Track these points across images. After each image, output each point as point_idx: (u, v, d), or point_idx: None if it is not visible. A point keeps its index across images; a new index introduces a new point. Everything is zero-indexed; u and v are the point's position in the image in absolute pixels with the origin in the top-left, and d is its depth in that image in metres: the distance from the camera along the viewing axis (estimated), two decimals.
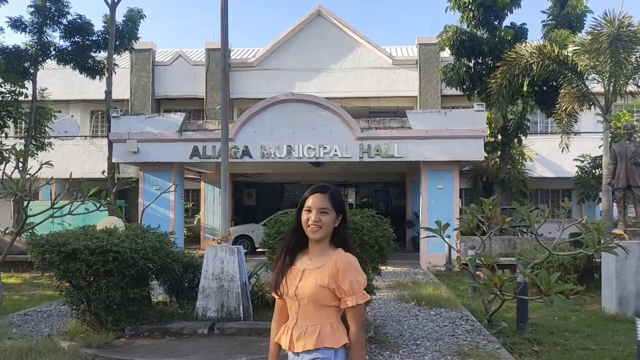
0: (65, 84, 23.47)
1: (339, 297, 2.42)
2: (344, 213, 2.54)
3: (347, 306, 2.40)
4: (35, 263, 6.59)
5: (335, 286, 2.42)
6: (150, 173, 16.53)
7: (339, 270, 2.43)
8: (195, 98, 23.99)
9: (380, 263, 6.69)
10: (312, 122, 15.44)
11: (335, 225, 2.51)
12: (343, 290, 2.41)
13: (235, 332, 6.76)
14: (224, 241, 7.45)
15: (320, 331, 2.42)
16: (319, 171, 21.22)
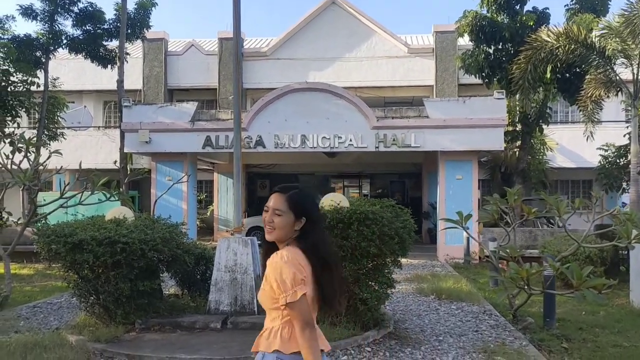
0: (78, 74, 23.30)
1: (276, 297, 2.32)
2: (309, 217, 2.42)
3: (281, 305, 2.32)
4: (42, 254, 6.37)
5: (269, 287, 2.35)
6: (163, 163, 16.31)
7: (268, 270, 2.37)
8: (208, 88, 23.73)
9: (400, 255, 6.36)
10: (327, 112, 15.09)
11: (296, 228, 2.40)
12: (274, 289, 2.33)
13: (249, 327, 6.48)
14: (237, 232, 7.17)
15: (273, 334, 2.40)
16: (333, 162, 20.90)
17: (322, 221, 2.50)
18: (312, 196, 2.58)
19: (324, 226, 2.56)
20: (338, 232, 5.89)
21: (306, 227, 2.41)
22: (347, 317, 6.26)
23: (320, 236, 2.45)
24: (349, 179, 25.76)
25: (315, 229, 2.43)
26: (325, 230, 2.51)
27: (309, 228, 2.41)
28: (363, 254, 5.98)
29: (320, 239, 2.44)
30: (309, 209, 2.45)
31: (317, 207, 2.53)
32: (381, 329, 6.43)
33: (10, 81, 16.17)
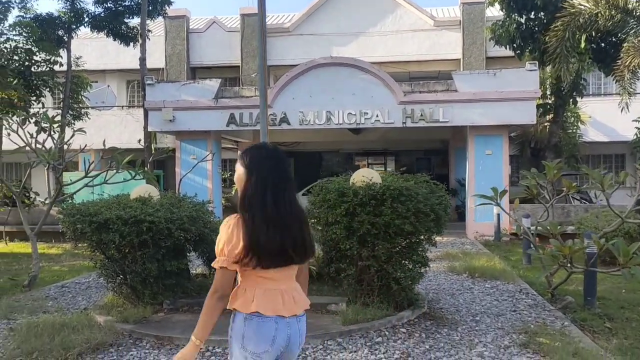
0: (101, 53, 23.22)
1: None
2: (248, 169, 2.37)
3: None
4: (67, 234, 6.25)
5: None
6: (187, 142, 16.18)
7: None
8: (230, 66, 23.46)
9: (436, 233, 6.10)
10: (353, 87, 14.75)
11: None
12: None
13: None
14: None
15: (234, 294, 2.40)
16: (358, 139, 20.60)
17: (260, 177, 2.33)
18: (261, 147, 2.48)
19: (268, 181, 2.34)
20: (371, 209, 5.64)
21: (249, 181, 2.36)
22: (379, 297, 6.05)
23: (255, 192, 2.32)
24: (373, 157, 25.39)
25: (249, 183, 2.34)
26: (265, 186, 2.33)
27: (247, 182, 2.36)
28: (397, 232, 5.73)
29: (245, 195, 2.34)
30: (247, 159, 2.40)
31: (257, 158, 2.39)
32: (415, 309, 6.20)
33: (34, 61, 16.13)
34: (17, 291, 8.01)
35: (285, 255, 2.36)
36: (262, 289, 2.36)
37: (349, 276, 6.07)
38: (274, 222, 2.31)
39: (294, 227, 2.37)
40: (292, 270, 2.46)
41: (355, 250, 5.82)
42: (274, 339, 2.34)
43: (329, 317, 5.99)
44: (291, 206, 2.38)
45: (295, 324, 2.43)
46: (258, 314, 2.32)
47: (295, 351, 2.49)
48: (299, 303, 2.46)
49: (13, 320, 6.22)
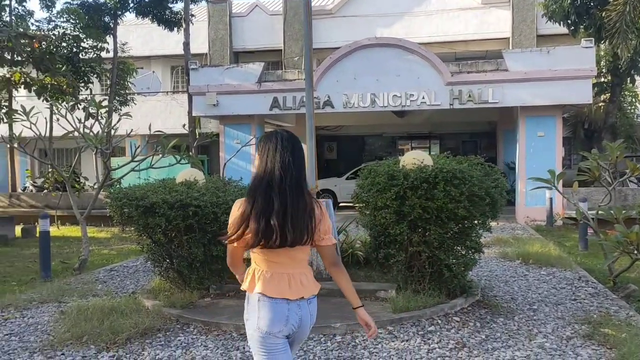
0: (146, 40, 23.44)
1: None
2: (260, 156, 2.50)
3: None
4: (114, 218, 6.25)
5: None
6: (231, 126, 16.16)
7: None
8: (273, 50, 23.32)
9: (491, 218, 5.81)
10: (398, 68, 14.38)
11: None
12: None
13: (327, 293, 6.12)
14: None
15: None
16: (402, 122, 20.20)
17: (262, 157, 2.47)
18: (273, 135, 2.52)
19: (275, 164, 2.43)
20: (422, 192, 5.39)
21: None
22: (431, 284, 5.82)
23: (261, 177, 2.45)
24: (417, 140, 24.93)
25: (258, 166, 2.47)
26: (272, 168, 2.43)
27: (257, 166, 2.49)
28: (450, 217, 5.47)
29: (260, 179, 2.45)
30: (259, 145, 2.52)
31: (268, 145, 2.48)
32: (469, 297, 5.95)
33: (81, 47, 16.37)
34: (68, 274, 8.12)
35: (283, 237, 2.40)
36: (269, 273, 2.48)
37: (398, 262, 5.86)
38: (275, 204, 2.39)
39: (295, 210, 2.42)
40: (300, 257, 2.54)
41: (405, 235, 5.59)
42: (287, 319, 2.46)
43: (379, 304, 5.81)
44: (294, 190, 2.43)
45: (306, 306, 2.53)
46: (263, 295, 2.45)
47: (306, 332, 2.60)
48: (307, 287, 2.55)
49: (64, 303, 6.28)
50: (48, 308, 6.10)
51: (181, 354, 4.60)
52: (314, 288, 2.61)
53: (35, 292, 6.85)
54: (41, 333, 5.21)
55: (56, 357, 4.56)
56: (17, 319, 5.69)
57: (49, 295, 6.59)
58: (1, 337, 5.11)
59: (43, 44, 14.37)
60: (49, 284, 7.35)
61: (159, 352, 4.61)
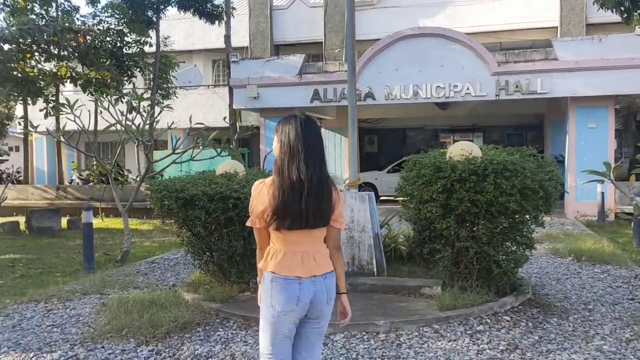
0: (188, 34, 23.62)
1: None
2: (280, 140, 2.56)
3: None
4: (155, 210, 6.20)
5: None
6: (271, 119, 16.08)
7: None
8: (313, 42, 23.15)
9: (544, 212, 5.50)
10: (442, 58, 14.00)
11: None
12: None
13: (369, 289, 5.97)
14: (352, 187, 6.62)
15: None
16: (445, 114, 19.78)
17: (286, 144, 2.52)
18: (291, 118, 2.58)
19: (292, 149, 2.50)
20: (471, 185, 5.13)
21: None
22: (478, 281, 5.57)
23: (282, 159, 2.51)
24: (459, 133, 24.38)
25: (278, 150, 2.53)
26: (291, 154, 2.50)
27: (277, 150, 2.55)
28: (500, 211, 5.20)
29: (281, 161, 2.51)
30: (278, 129, 2.57)
31: (287, 128, 2.54)
32: (519, 295, 5.67)
33: (125, 42, 16.56)
34: (110, 266, 8.17)
35: (304, 219, 2.49)
36: (283, 251, 2.55)
37: (444, 258, 5.62)
38: (294, 186, 2.46)
39: (313, 192, 2.48)
40: (317, 235, 2.59)
41: (452, 230, 5.35)
42: (298, 298, 2.52)
43: (424, 301, 5.59)
44: (313, 173, 2.49)
45: (321, 282, 2.58)
46: (275, 274, 2.54)
47: (323, 306, 2.61)
48: (321, 265, 2.59)
49: (105, 295, 6.28)
50: (90, 300, 6.11)
51: (220, 349, 4.50)
52: (329, 265, 2.65)
53: (78, 283, 6.90)
54: (82, 325, 5.20)
55: (96, 349, 4.52)
56: (60, 310, 5.71)
57: (91, 287, 6.62)
58: (44, 329, 5.12)
59: (88, 39, 14.58)
60: (91, 275, 7.40)
61: (198, 347, 4.52)
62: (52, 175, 23.46)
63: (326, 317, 2.68)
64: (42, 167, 24.35)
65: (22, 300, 6.05)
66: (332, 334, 4.77)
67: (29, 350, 4.56)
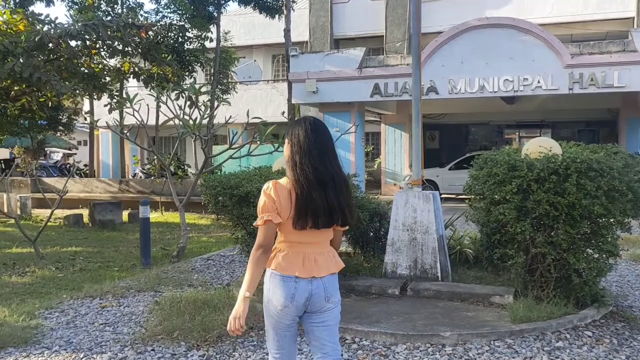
0: (248, 29, 23.69)
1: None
2: (290, 140, 2.60)
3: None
4: (209, 207, 6.02)
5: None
6: (330, 114, 15.81)
7: None
8: (374, 36, 22.67)
9: (632, 216, 4.94)
10: (511, 50, 13.33)
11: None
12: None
13: (433, 295, 5.57)
14: (415, 185, 6.22)
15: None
16: (511, 109, 18.89)
17: (296, 144, 2.56)
18: (300, 120, 2.65)
19: (303, 149, 2.54)
20: (550, 186, 4.64)
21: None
22: (555, 291, 5.07)
23: (295, 159, 2.54)
24: (525, 129, 23.40)
25: (293, 153, 2.55)
26: (302, 153, 2.53)
27: (289, 151, 2.59)
28: (583, 215, 4.68)
29: (294, 162, 2.54)
30: (290, 132, 2.62)
31: (296, 129, 2.59)
32: (601, 307, 5.12)
33: (186, 37, 16.65)
34: (167, 262, 8.09)
35: (316, 219, 2.51)
36: (286, 251, 2.59)
37: (517, 264, 5.13)
38: (314, 185, 2.49)
39: (337, 190, 2.54)
40: (322, 236, 2.61)
41: (527, 234, 4.87)
42: (293, 296, 2.55)
43: (494, 312, 5.13)
44: (332, 171, 2.54)
45: (320, 282, 2.59)
46: (275, 272, 2.57)
47: (323, 304, 2.62)
48: (321, 267, 2.60)
49: (159, 292, 6.15)
50: (144, 297, 5.99)
51: None
52: (331, 267, 2.65)
53: (134, 279, 6.82)
54: (134, 324, 5.06)
55: (146, 352, 4.34)
56: (114, 307, 5.61)
57: (146, 283, 6.51)
58: (96, 327, 5.00)
59: (150, 34, 14.70)
60: (147, 271, 7.33)
61: (251, 354, 4.27)
62: (116, 169, 24.08)
63: (330, 311, 2.66)
64: (108, 160, 25.02)
65: (78, 296, 6.00)
66: (394, 345, 4.42)
67: (79, 350, 4.44)
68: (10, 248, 9.48)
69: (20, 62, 11.24)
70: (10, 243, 9.87)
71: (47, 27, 12.47)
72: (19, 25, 14.22)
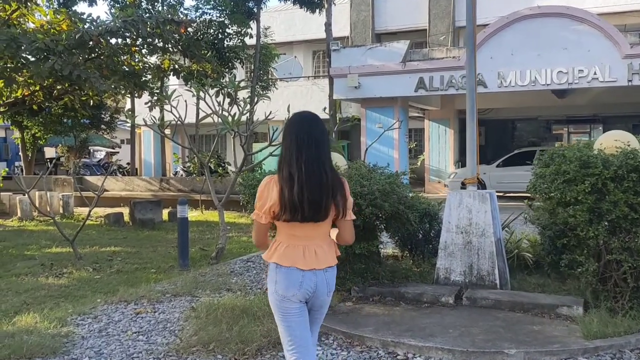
0: (288, 25, 23.39)
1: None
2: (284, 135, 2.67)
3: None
4: (247, 206, 5.66)
5: None
6: (373, 110, 15.34)
7: None
8: (416, 30, 22.05)
9: None
10: (564, 40, 12.59)
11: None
12: None
13: (492, 305, 5.07)
14: (470, 183, 5.72)
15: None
16: (562, 103, 17.99)
17: (287, 138, 2.63)
18: (293, 115, 2.73)
19: (294, 142, 2.59)
20: (630, 185, 4.11)
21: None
22: (632, 303, 4.52)
23: (284, 153, 2.63)
24: (574, 124, 22.36)
25: (283, 145, 2.66)
26: (292, 146, 2.60)
27: (282, 145, 2.68)
28: None
29: (283, 156, 2.63)
30: (285, 125, 2.70)
31: (288, 125, 2.66)
32: None
33: (226, 33, 16.44)
34: (205, 263, 7.82)
35: (305, 212, 2.56)
36: (286, 244, 2.65)
37: (588, 272, 4.61)
38: (297, 180, 2.54)
39: (317, 185, 2.56)
40: (320, 229, 2.68)
41: (601, 239, 4.34)
42: (300, 284, 2.62)
43: (562, 325, 4.60)
44: (315, 166, 2.57)
45: (322, 275, 2.67)
46: (279, 264, 2.63)
47: (323, 297, 2.71)
48: (321, 260, 2.66)
49: (196, 297, 5.84)
50: (180, 302, 5.68)
51: None
52: (330, 260, 2.71)
53: (171, 282, 6.53)
54: (169, 333, 4.74)
55: None
56: (149, 313, 5.31)
57: (183, 287, 6.21)
58: (129, 336, 4.70)
59: (189, 30, 14.53)
60: (185, 273, 7.05)
61: None
62: (158, 167, 24.16)
63: (326, 305, 2.79)
64: (150, 159, 25.13)
65: (113, 300, 5.73)
66: None
67: None
68: (50, 247, 9.39)
69: (60, 60, 11.17)
70: (51, 242, 9.79)
71: (88, 25, 12.40)
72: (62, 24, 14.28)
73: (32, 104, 15.54)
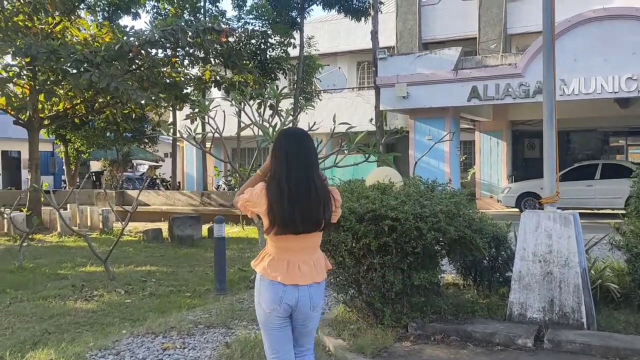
0: (332, 36, 22.89)
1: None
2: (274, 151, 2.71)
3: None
4: None
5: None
6: (422, 121, 14.55)
7: None
8: (465, 38, 21.14)
9: None
10: (634, 44, 11.59)
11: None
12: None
13: (580, 350, 4.22)
14: (549, 203, 4.89)
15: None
16: (625, 113, 16.74)
17: (276, 154, 2.68)
18: (283, 130, 3.03)
19: (283, 159, 2.65)
20: None
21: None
22: None
23: (273, 170, 2.69)
24: (633, 136, 21.03)
25: (272, 160, 2.71)
26: (281, 163, 2.64)
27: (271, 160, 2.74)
28: None
29: (272, 173, 2.69)
30: (275, 141, 2.77)
31: (278, 141, 2.73)
32: None
33: (269, 44, 15.99)
34: (244, 286, 7.20)
35: (294, 225, 2.62)
36: (271, 256, 2.72)
37: None
38: (287, 196, 2.59)
39: (306, 201, 2.61)
40: (310, 241, 2.73)
41: None
42: (280, 299, 2.67)
43: None
44: (304, 182, 2.62)
45: (306, 290, 2.70)
46: (263, 276, 2.72)
47: (307, 312, 2.73)
48: (305, 275, 2.69)
49: (232, 330, 5.19)
50: (213, 336, 5.03)
51: None
52: (315, 276, 2.73)
53: (205, 310, 5.91)
54: None
55: None
56: (177, 349, 4.67)
57: (218, 316, 5.58)
58: None
59: (230, 40, 14.12)
60: (221, 299, 6.45)
61: None
62: (200, 181, 23.87)
63: (313, 319, 2.80)
64: (192, 172, 24.90)
65: (139, 332, 5.12)
66: None
67: None
68: (85, 266, 8.97)
69: (98, 71, 10.86)
70: (86, 260, 9.36)
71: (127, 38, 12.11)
72: (105, 38, 14.09)
73: (74, 117, 15.41)
